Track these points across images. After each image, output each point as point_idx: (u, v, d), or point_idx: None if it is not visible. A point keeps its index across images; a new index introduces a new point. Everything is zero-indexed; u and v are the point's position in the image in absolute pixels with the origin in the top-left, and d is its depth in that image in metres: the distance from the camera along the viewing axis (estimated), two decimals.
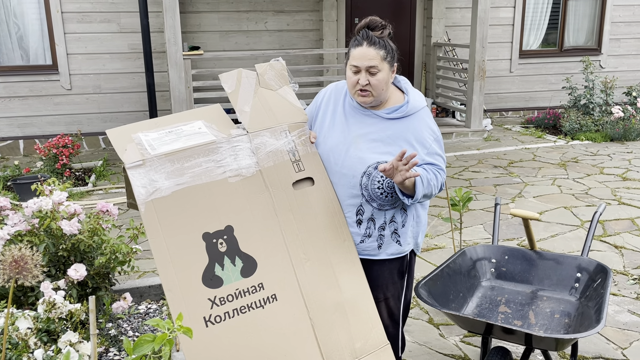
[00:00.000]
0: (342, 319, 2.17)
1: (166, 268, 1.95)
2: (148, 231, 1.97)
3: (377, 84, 2.14)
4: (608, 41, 9.85)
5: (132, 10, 7.67)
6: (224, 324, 1.97)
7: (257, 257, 2.09)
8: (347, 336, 2.16)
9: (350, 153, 2.20)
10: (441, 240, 4.65)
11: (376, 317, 2.25)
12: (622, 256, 4.30)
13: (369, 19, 2.18)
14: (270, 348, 2.02)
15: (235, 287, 2.03)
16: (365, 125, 2.22)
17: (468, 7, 9.00)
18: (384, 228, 2.25)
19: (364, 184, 2.19)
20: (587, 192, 5.82)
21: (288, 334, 2.06)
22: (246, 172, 2.16)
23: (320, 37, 8.61)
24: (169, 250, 1.97)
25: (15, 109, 7.65)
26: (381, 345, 2.23)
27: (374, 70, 2.12)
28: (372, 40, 2.12)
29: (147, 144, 2.10)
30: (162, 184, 2.02)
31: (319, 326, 2.12)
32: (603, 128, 8.21)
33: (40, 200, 2.65)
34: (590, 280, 2.65)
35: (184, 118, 2.26)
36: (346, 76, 2.21)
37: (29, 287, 2.62)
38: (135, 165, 2.02)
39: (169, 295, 1.93)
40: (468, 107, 8.21)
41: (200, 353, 1.90)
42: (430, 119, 2.26)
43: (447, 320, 3.46)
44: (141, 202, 1.98)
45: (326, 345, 2.11)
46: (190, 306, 1.94)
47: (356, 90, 2.17)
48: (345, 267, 2.23)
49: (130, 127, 2.17)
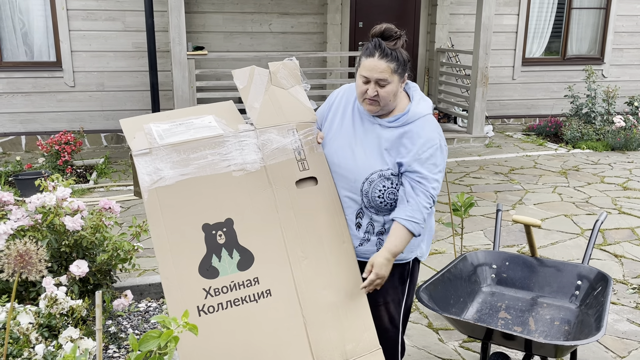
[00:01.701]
0: (335, 320, 2.17)
1: (164, 256, 1.97)
2: (150, 219, 1.99)
3: (385, 96, 2.12)
4: (611, 51, 9.87)
5: (137, 9, 7.69)
6: (216, 314, 1.99)
7: (254, 252, 2.10)
8: (339, 337, 2.16)
9: (355, 157, 2.21)
10: (441, 245, 4.65)
11: (369, 321, 2.23)
12: (622, 265, 4.31)
13: (385, 27, 2.13)
14: (261, 342, 2.03)
15: (230, 280, 2.04)
16: (370, 132, 2.22)
17: (472, 14, 9.02)
18: (382, 233, 2.25)
19: (364, 190, 2.19)
20: (587, 200, 5.83)
21: (280, 330, 2.07)
22: (251, 167, 2.17)
23: (324, 40, 8.63)
24: (169, 239, 1.99)
25: (18, 104, 7.66)
26: (372, 349, 2.22)
27: (383, 83, 2.10)
28: (385, 53, 2.08)
29: (156, 134, 2.13)
30: (166, 173, 2.04)
31: (311, 324, 2.12)
32: (604, 137, 8.23)
33: (44, 195, 2.66)
34: (591, 288, 2.65)
35: (196, 112, 2.28)
36: (356, 84, 2.20)
37: (30, 282, 2.63)
38: (142, 153, 2.05)
39: (165, 282, 1.95)
40: (470, 113, 8.23)
41: (191, 342, 1.91)
42: (431, 129, 2.17)
43: (447, 325, 3.47)
44: (145, 189, 2.00)
45: (317, 344, 2.11)
46: (185, 295, 1.96)
47: (364, 99, 2.16)
48: (342, 268, 2.23)
49: (143, 118, 2.21)
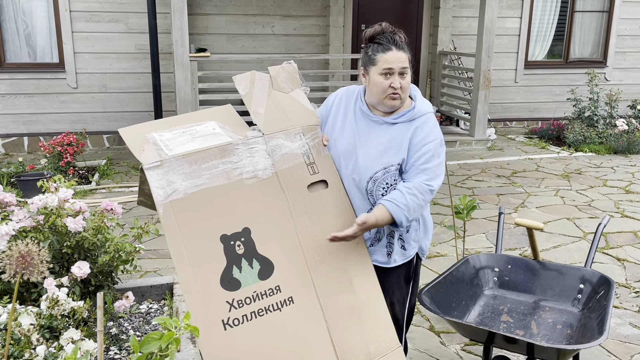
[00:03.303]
0: (357, 322, 2.18)
1: (185, 270, 1.93)
2: (167, 233, 1.94)
3: (406, 87, 2.18)
4: (614, 54, 9.86)
5: (140, 10, 7.70)
6: (242, 326, 1.97)
7: (273, 260, 2.08)
8: (362, 339, 2.17)
9: (359, 158, 2.22)
10: (443, 248, 4.65)
11: (389, 320, 2.26)
12: (625, 269, 4.30)
13: (383, 25, 2.19)
14: (287, 351, 2.02)
15: (253, 290, 2.02)
16: (373, 131, 2.24)
17: (475, 17, 9.02)
18: (393, 236, 2.28)
19: (369, 189, 2.21)
20: (590, 204, 5.81)
21: (304, 337, 2.06)
22: (262, 174, 2.15)
23: (326, 43, 8.63)
24: (187, 253, 1.95)
25: (20, 105, 7.68)
26: (394, 347, 2.25)
27: (405, 72, 2.16)
28: (400, 45, 2.16)
29: (162, 144, 2.08)
30: (179, 185, 2.00)
31: (335, 329, 2.12)
32: (607, 140, 8.21)
33: (46, 196, 2.66)
34: (593, 291, 2.64)
35: (196, 118, 2.25)
36: (371, 83, 2.19)
37: (31, 283, 2.62)
38: (153, 166, 2.00)
39: (188, 297, 1.91)
40: (472, 116, 8.22)
41: (219, 356, 1.89)
42: (434, 125, 2.25)
43: (448, 328, 3.46)
44: (159, 203, 1.96)
45: (341, 348, 2.11)
46: (208, 309, 1.93)
47: (388, 95, 2.17)
48: (358, 269, 2.24)
49: (143, 127, 2.16)
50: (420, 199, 2.14)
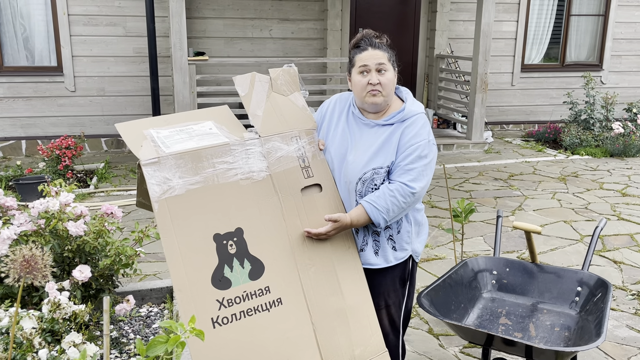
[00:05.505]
0: (343, 325, 2.19)
1: (177, 268, 1.97)
2: (161, 230, 1.98)
3: (387, 83, 2.20)
4: (609, 57, 9.92)
5: (138, 14, 7.72)
6: (230, 325, 1.99)
7: (264, 261, 2.11)
8: (348, 342, 2.18)
9: (349, 161, 2.26)
10: (441, 251, 4.67)
11: (376, 325, 2.27)
12: (621, 271, 4.33)
13: (364, 31, 2.26)
14: (274, 351, 2.04)
15: (243, 290, 2.04)
16: (365, 134, 2.28)
17: (472, 20, 9.07)
18: (378, 234, 2.29)
19: (358, 190, 2.24)
20: (586, 206, 5.84)
21: (291, 338, 2.08)
22: (257, 175, 2.18)
23: (324, 46, 8.66)
24: (180, 250, 1.98)
25: (18, 109, 7.68)
26: (380, 352, 2.25)
27: (383, 68, 2.19)
28: (376, 45, 2.22)
29: (159, 141, 2.10)
30: (175, 182, 2.03)
31: (321, 331, 2.14)
32: (603, 143, 8.26)
33: (47, 201, 2.67)
34: (591, 294, 2.66)
35: (193, 117, 2.28)
36: (352, 84, 2.26)
37: (33, 287, 2.63)
38: (151, 162, 2.02)
39: (179, 295, 1.94)
40: (469, 119, 8.26)
41: (206, 354, 1.91)
42: (422, 126, 2.25)
43: (447, 331, 3.48)
44: (155, 200, 1.99)
45: (327, 351, 2.13)
46: (199, 307, 1.95)
47: (367, 92, 2.20)
48: (348, 273, 2.25)
49: (141, 123, 2.18)
50: (401, 202, 2.16)
